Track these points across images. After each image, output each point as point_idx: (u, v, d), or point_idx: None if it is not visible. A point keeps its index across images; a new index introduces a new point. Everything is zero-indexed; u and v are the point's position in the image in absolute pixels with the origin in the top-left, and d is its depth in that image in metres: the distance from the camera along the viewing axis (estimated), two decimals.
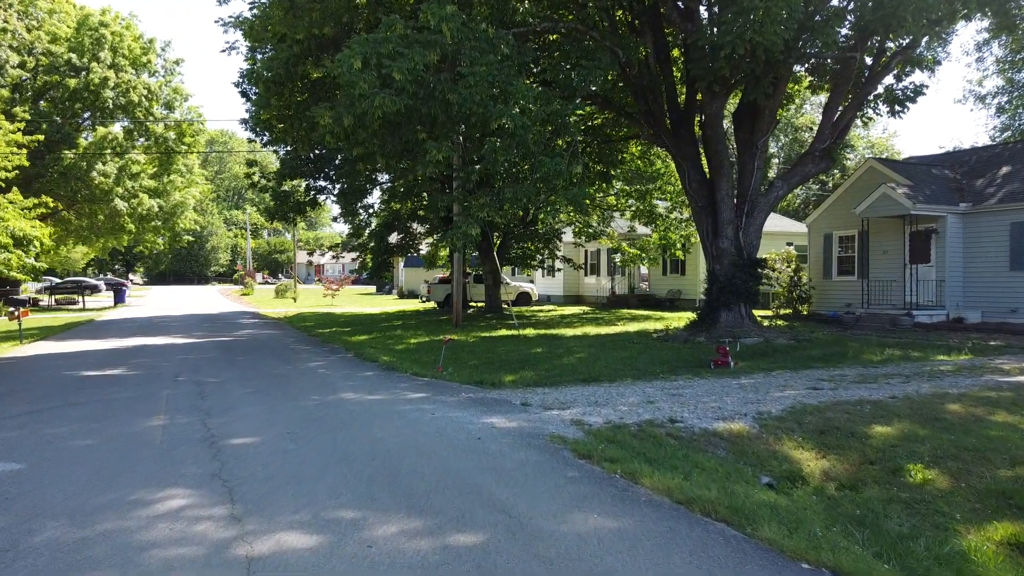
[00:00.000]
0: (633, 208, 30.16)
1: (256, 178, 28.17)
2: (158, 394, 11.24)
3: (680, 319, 26.52)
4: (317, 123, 16.99)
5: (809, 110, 49.15)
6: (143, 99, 42.26)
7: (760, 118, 19.17)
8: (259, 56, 21.26)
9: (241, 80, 23.15)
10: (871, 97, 19.92)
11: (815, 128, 56.81)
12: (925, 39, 18.21)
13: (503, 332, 22.79)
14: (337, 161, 27.36)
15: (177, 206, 43.95)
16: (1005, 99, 33.76)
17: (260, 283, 72.05)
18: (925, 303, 22.31)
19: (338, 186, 29.34)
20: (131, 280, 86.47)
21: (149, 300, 49.31)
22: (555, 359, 16.21)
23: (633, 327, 23.77)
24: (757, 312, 22.08)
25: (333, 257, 36.29)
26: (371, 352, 16.92)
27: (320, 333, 23.57)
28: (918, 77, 43.15)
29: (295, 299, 47.08)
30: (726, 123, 23.81)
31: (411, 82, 14.22)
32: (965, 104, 73.04)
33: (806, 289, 25.99)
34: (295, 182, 28.44)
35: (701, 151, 20.64)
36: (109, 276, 72.96)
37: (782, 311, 26.55)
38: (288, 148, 22.14)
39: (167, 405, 10.33)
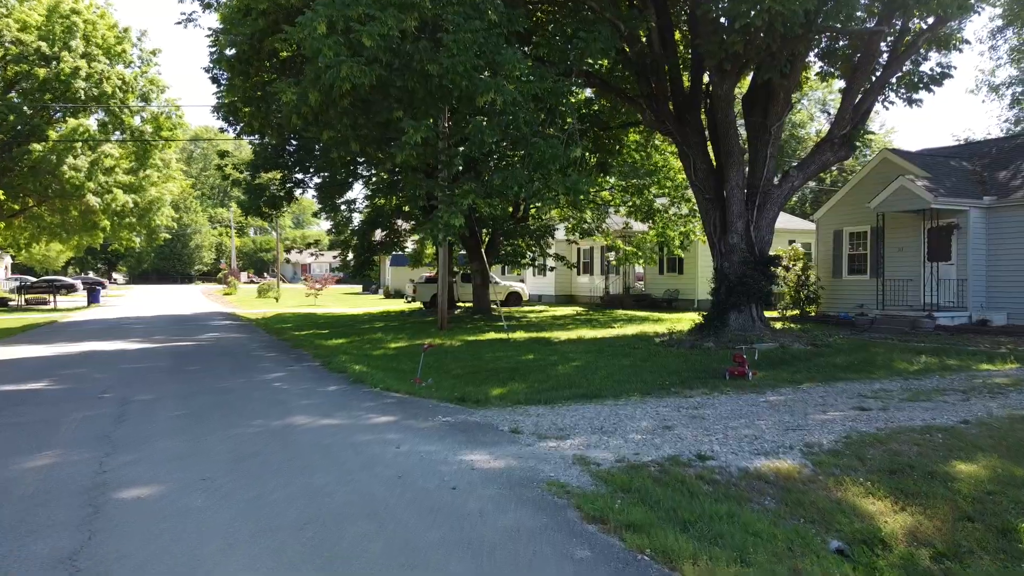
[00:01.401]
0: (629, 203, 28.16)
1: (228, 169, 25.94)
2: (68, 418, 9.12)
3: (680, 320, 24.54)
4: (283, 103, 14.88)
5: (807, 105, 47.36)
6: (117, 90, 39.86)
7: (774, 101, 17.19)
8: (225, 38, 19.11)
9: (212, 66, 20.97)
10: (893, 80, 17.95)
11: (809, 125, 55.13)
12: (955, 16, 16.24)
13: (491, 335, 20.74)
14: (316, 151, 25.18)
15: (153, 202, 41.59)
16: (1020, 89, 31.87)
17: (245, 282, 69.67)
18: (945, 304, 20.40)
19: (316, 179, 27.20)
20: (114, 279, 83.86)
21: (126, 300, 46.94)
22: (549, 368, 14.17)
23: (631, 329, 21.77)
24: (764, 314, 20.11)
25: (311, 255, 34.06)
26: (342, 360, 14.82)
27: (293, 336, 21.44)
28: (944, 58, 40.75)
29: (277, 299, 44.88)
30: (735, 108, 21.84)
31: (384, 50, 12.14)
32: (978, 94, 70.42)
33: (814, 289, 24.05)
34: (271, 175, 26.25)
35: (707, 138, 18.63)
36: (89, 275, 70.41)
37: (788, 312, 24.61)
38: (256, 135, 20.01)
39: (70, 434, 8.21)
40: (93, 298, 42.25)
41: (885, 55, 17.62)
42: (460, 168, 13.30)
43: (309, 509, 5.50)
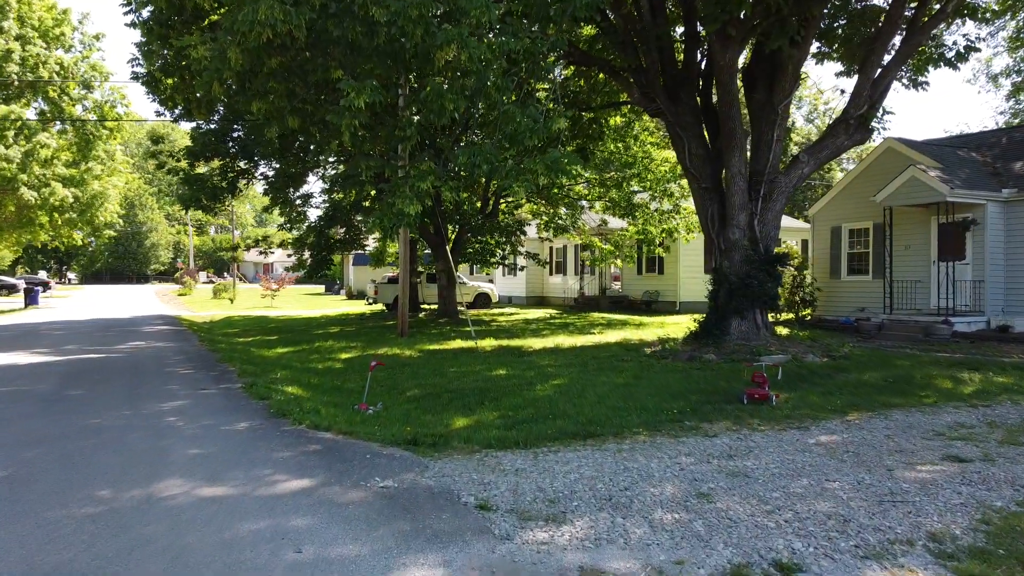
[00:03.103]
0: (607, 198, 25.49)
1: (164, 157, 22.69)
2: None
3: (663, 325, 21.93)
4: (201, 67, 11.90)
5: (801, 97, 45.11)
6: (55, 76, 36.20)
7: (781, 75, 14.62)
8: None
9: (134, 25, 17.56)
10: (913, 58, 15.49)
11: (799, 120, 52.71)
12: None
13: (457, 343, 17.91)
14: (249, 133, 21.92)
15: (96, 197, 37.89)
16: (1020, 79, 29.85)
17: (204, 283, 65.70)
18: (960, 308, 18.05)
19: (264, 168, 24.05)
20: (68, 279, 79.13)
21: (69, 302, 43.04)
22: (525, 388, 11.40)
23: (612, 336, 19.08)
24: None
25: (260, 253, 30.84)
26: (271, 379, 11.87)
27: (231, 345, 18.35)
28: (970, 30, 37.85)
29: (232, 300, 41.43)
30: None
31: None
32: (975, 84, 68.39)
33: (810, 291, 21.61)
34: (212, 164, 23.02)
35: (704, 120, 15.99)
36: (41, 274, 65.83)
37: (782, 316, 22.12)
38: (182, 113, 16.86)
39: None
40: (31, 300, 38.40)
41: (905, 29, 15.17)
42: (415, 142, 10.46)
43: None
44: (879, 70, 14.61)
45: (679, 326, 21.45)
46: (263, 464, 6.65)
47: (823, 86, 69.77)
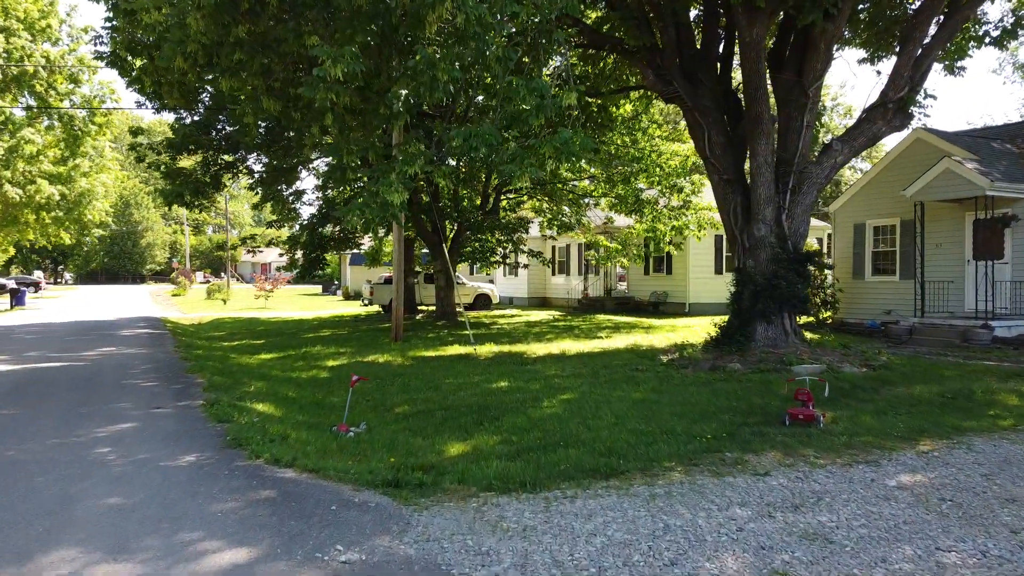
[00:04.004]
0: (612, 195, 23.89)
1: (144, 150, 21.07)
2: None
3: (674, 329, 20.36)
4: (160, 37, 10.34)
5: None
6: (41, 70, 34.59)
7: (813, 53, 13.04)
8: None
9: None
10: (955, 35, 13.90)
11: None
12: None
13: (455, 349, 16.35)
14: (225, 122, 20.31)
15: (84, 195, 36.26)
16: None
17: (201, 283, 64.02)
18: (998, 311, 16.48)
19: (252, 163, 22.46)
20: (64, 279, 77.56)
21: (58, 303, 41.44)
22: (530, 404, 9.84)
23: (621, 341, 17.52)
24: None
25: (247, 252, 29.26)
26: (241, 394, 10.30)
27: (209, 350, 16.80)
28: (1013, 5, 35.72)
29: (225, 301, 39.83)
30: None
31: None
32: (1000, 74, 66.26)
33: (831, 292, 20.03)
34: (196, 157, 21.40)
35: (724, 105, 14.41)
36: (36, 275, 64.19)
37: (801, 319, 20.50)
38: (152, 97, 15.31)
39: None
40: (17, 301, 36.81)
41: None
42: (405, 122, 8.88)
43: None
44: (920, 48, 13.00)
45: (692, 330, 19.90)
46: (195, 522, 5.06)
47: (839, 76, 67.35)
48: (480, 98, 11.53)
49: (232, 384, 11.42)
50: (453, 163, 22.59)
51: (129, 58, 13.64)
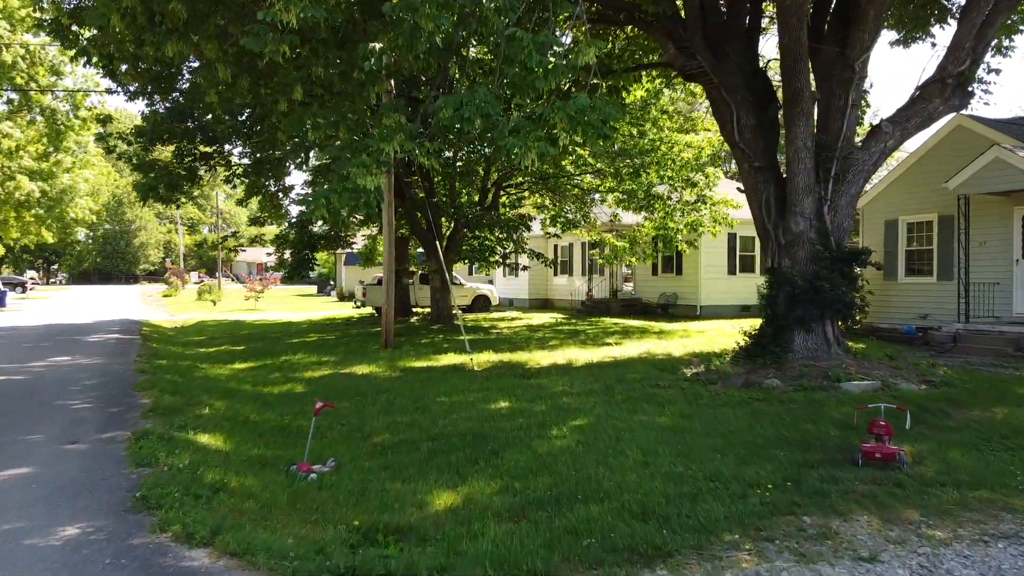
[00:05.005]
0: (620, 189, 22.05)
1: (113, 140, 19.16)
2: None
3: (687, 334, 18.53)
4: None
5: None
6: (20, 60, 32.69)
7: (859, 21, 11.22)
8: None
9: None
10: None
11: None
12: None
13: (449, 358, 14.52)
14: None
15: (66, 191, 34.38)
16: None
17: (196, 283, 62.08)
18: None
19: (238, 155, 20.58)
20: (58, 279, 75.59)
21: (42, 304, 39.54)
22: (536, 434, 8.03)
23: (632, 348, 15.68)
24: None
25: (229, 251, 27.37)
26: (187, 421, 8.46)
27: (175, 360, 14.98)
28: None
29: (215, 302, 37.95)
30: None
31: None
32: None
33: (861, 295, 18.14)
34: (170, 147, 19.50)
35: (754, 83, 12.55)
36: (29, 274, 62.19)
37: None
38: (102, 71, 13.43)
39: None
40: None
41: None
42: (386, 90, 7.03)
43: None
44: (984, 15, 11.14)
45: (708, 336, 18.06)
46: None
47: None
48: (475, 55, 9.62)
49: (183, 405, 9.57)
50: (449, 153, 20.71)
51: (75, 28, 11.76)
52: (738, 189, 13.36)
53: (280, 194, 24.88)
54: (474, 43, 7.75)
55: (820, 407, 9.14)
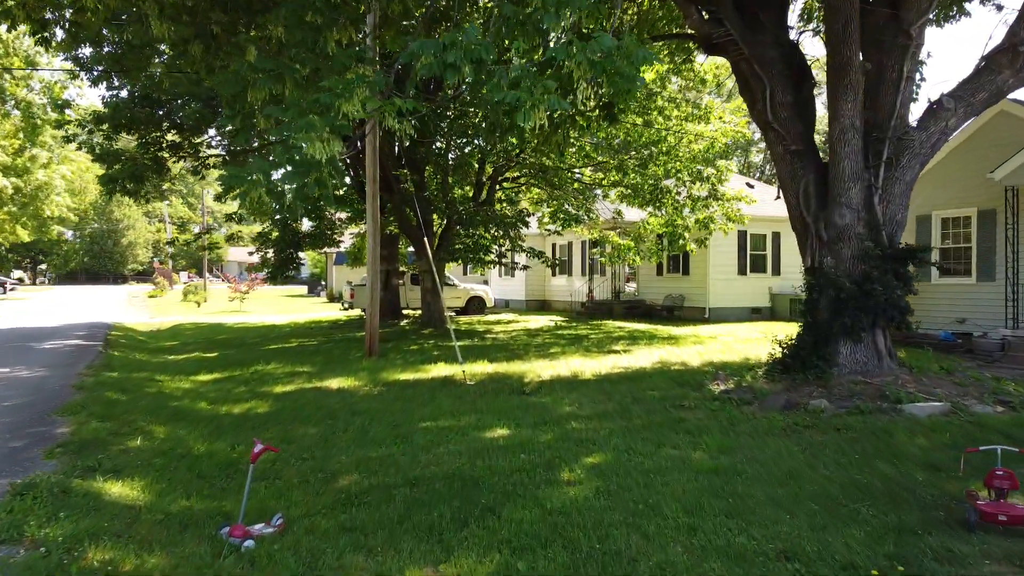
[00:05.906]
0: (624, 183, 20.30)
1: (73, 128, 17.29)
2: None
3: (700, 339, 16.80)
4: None
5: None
6: None
7: None
8: None
9: None
10: None
11: None
12: None
13: (439, 369, 12.74)
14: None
15: (41, 188, 32.45)
16: None
17: (185, 283, 60.12)
18: None
19: (218, 149, 18.72)
20: (44, 278, 73.43)
21: (20, 305, 37.58)
22: (542, 479, 6.25)
23: (644, 357, 13.93)
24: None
25: (202, 249, 25.53)
26: (103, 459, 6.68)
27: (130, 370, 13.17)
28: None
29: (199, 303, 36.08)
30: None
31: None
32: None
33: None
34: (135, 136, 17.62)
35: (790, 55, 10.77)
36: (15, 274, 60.07)
37: None
38: (50, 45, 11.60)
39: None
40: None
41: None
42: (344, 34, 5.28)
43: None
44: None
45: (721, 341, 16.34)
46: None
47: None
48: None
49: (110, 435, 7.76)
50: (441, 143, 18.87)
51: None
52: (748, 185, 11.65)
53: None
54: None
55: (888, 438, 7.39)
